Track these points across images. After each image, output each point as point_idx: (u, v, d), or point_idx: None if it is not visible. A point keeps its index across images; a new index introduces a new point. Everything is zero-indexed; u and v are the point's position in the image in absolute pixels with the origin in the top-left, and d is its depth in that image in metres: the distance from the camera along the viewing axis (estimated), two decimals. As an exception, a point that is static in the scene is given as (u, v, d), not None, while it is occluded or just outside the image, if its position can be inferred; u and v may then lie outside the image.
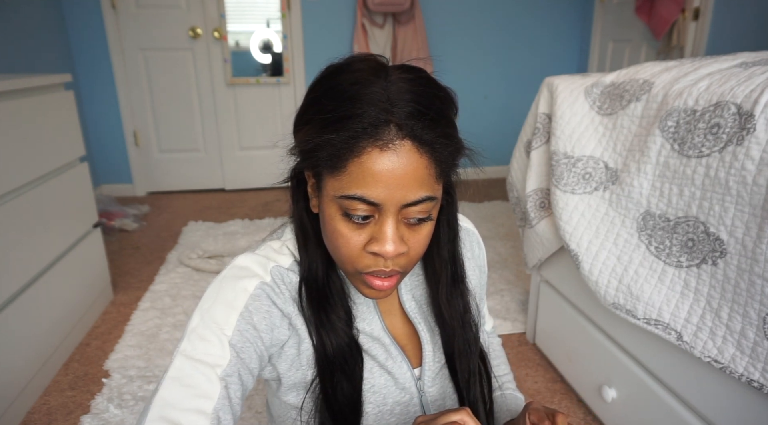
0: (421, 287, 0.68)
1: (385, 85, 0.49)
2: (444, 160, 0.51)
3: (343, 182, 0.50)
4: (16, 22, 2.49)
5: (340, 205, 0.51)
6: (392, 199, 0.50)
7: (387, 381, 0.64)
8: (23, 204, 1.40)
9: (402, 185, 0.49)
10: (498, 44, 3.55)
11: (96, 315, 1.83)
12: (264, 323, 0.56)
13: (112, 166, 3.36)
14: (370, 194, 0.49)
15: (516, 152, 1.56)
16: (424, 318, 0.67)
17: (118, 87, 3.22)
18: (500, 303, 1.88)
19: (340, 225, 0.53)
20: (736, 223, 0.82)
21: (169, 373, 0.51)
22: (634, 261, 1.02)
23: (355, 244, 0.53)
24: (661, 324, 0.94)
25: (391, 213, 0.51)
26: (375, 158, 0.48)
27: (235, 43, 3.28)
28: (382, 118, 0.48)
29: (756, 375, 0.78)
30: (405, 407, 0.65)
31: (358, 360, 0.62)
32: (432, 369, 0.66)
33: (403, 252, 0.53)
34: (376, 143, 0.48)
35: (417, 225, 0.53)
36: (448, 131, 0.51)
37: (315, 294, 0.60)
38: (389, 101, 0.48)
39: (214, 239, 2.53)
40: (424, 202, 0.51)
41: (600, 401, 1.23)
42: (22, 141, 1.41)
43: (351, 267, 0.55)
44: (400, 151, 0.48)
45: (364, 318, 0.64)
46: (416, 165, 0.49)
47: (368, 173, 0.48)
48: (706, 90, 0.93)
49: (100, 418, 1.31)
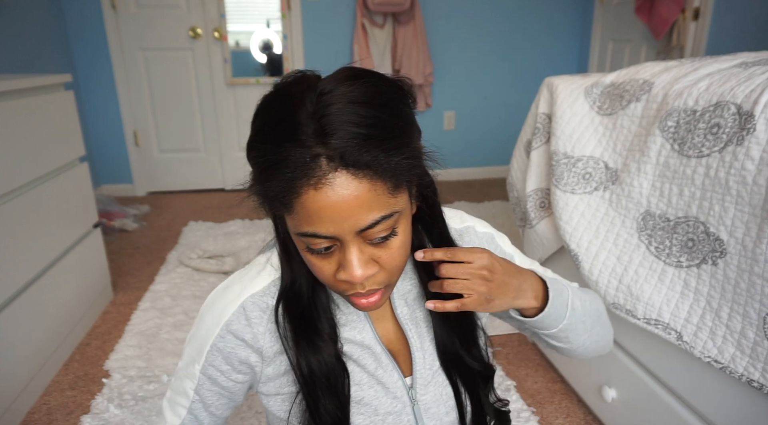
0: (414, 291, 0.66)
1: (313, 111, 0.46)
2: (394, 173, 0.48)
3: (295, 221, 0.50)
4: (16, 21, 2.49)
5: (301, 241, 0.52)
6: (344, 230, 0.48)
7: (377, 392, 0.63)
8: (23, 204, 1.40)
9: (349, 216, 0.47)
10: (498, 44, 3.55)
11: (96, 315, 1.83)
12: (228, 363, 0.62)
13: (112, 166, 3.36)
14: (321, 230, 0.48)
15: (516, 152, 1.56)
16: (415, 323, 0.65)
17: (118, 87, 3.22)
18: (500, 303, 1.88)
19: (308, 257, 0.53)
20: (736, 223, 0.82)
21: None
22: (634, 261, 1.02)
23: (327, 273, 0.53)
24: (661, 324, 0.94)
25: (350, 241, 0.50)
26: (312, 197, 0.47)
27: (235, 43, 3.28)
28: (309, 156, 0.45)
29: (756, 375, 0.78)
30: (398, 416, 0.64)
31: (343, 380, 0.61)
32: (424, 376, 0.65)
33: (373, 274, 0.52)
34: (310, 182, 0.46)
35: (383, 242, 0.52)
36: (390, 142, 0.47)
37: (296, 309, 0.60)
38: (316, 133, 0.45)
39: (214, 239, 2.53)
40: (380, 223, 0.49)
41: (600, 401, 1.23)
42: (22, 141, 1.41)
43: (332, 289, 0.56)
44: (335, 184, 0.46)
45: (354, 327, 0.63)
46: (357, 192, 0.46)
47: (312, 212, 0.47)
48: (706, 90, 0.93)
49: (100, 418, 1.31)
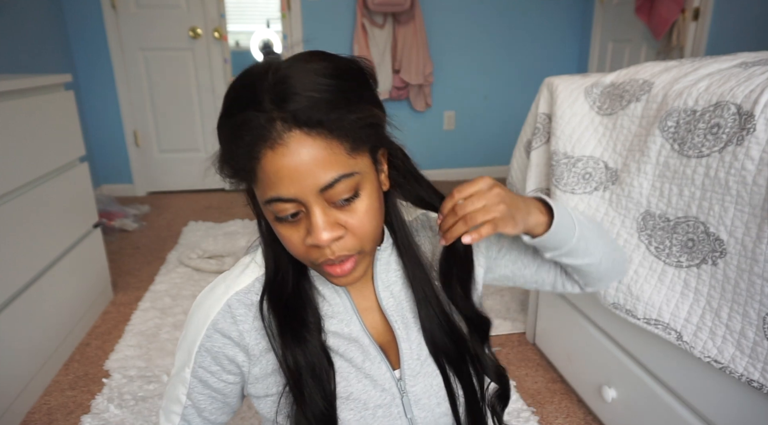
0: (399, 282, 0.66)
1: (273, 82, 0.49)
2: (349, 133, 0.50)
3: (260, 189, 0.52)
4: (16, 21, 2.49)
5: (269, 210, 0.53)
6: (305, 190, 0.50)
7: (365, 386, 0.63)
8: (23, 204, 1.40)
9: (307, 174, 0.49)
10: (498, 44, 3.54)
11: (96, 315, 1.83)
12: (217, 364, 0.63)
13: (112, 166, 3.36)
14: (282, 192, 0.50)
15: (516, 152, 1.56)
16: (401, 314, 0.65)
17: (118, 87, 3.22)
18: (500, 303, 1.88)
19: (279, 228, 0.54)
20: (735, 223, 0.82)
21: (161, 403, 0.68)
22: (634, 261, 1.02)
23: (297, 242, 0.53)
24: (661, 324, 0.94)
25: (313, 203, 0.51)
26: (271, 159, 0.49)
27: (235, 43, 3.29)
28: (264, 119, 0.48)
29: (756, 374, 0.79)
30: (387, 409, 0.63)
31: (328, 372, 0.61)
32: (412, 367, 0.64)
33: (339, 236, 0.52)
34: (266, 144, 0.49)
35: (348, 204, 0.52)
36: (344, 104, 0.49)
37: (280, 302, 0.60)
38: (274, 99, 0.48)
39: (214, 239, 2.53)
40: (340, 181, 0.50)
41: (600, 401, 1.23)
42: (22, 141, 1.41)
43: (306, 262, 0.56)
44: (290, 143, 0.48)
45: (342, 319, 0.63)
46: (312, 150, 0.49)
47: (274, 176, 0.49)
48: (706, 90, 0.93)
49: (100, 418, 1.31)
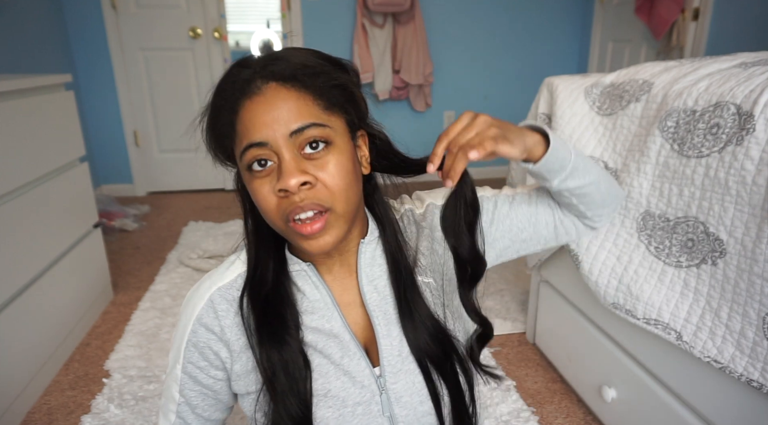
0: (384, 277, 0.66)
1: (262, 56, 0.57)
2: (322, 93, 0.55)
3: (238, 143, 0.56)
4: (16, 22, 2.49)
5: (246, 165, 0.56)
6: (276, 134, 0.53)
7: (344, 383, 0.62)
8: (23, 204, 1.40)
9: (280, 118, 0.53)
10: (498, 44, 3.55)
11: (96, 315, 1.83)
12: (204, 359, 0.64)
13: (112, 166, 3.36)
14: (255, 137, 0.54)
15: (516, 152, 1.56)
16: (383, 310, 0.65)
17: (118, 87, 3.22)
18: (500, 303, 1.88)
19: (254, 185, 0.56)
20: (735, 223, 0.82)
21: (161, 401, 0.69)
22: (634, 261, 1.02)
23: (268, 193, 0.55)
24: (660, 324, 0.94)
25: (282, 148, 0.54)
26: (248, 107, 0.54)
27: (235, 43, 3.29)
28: (248, 73, 0.55)
29: (755, 374, 0.79)
30: (367, 406, 0.63)
31: (304, 374, 0.61)
32: (392, 363, 0.63)
33: (307, 181, 0.54)
34: (246, 95, 0.55)
35: (317, 155, 0.55)
36: (314, 66, 0.55)
37: (259, 296, 0.61)
38: (259, 62, 0.56)
39: (214, 239, 2.53)
40: (310, 127, 0.54)
41: (600, 401, 1.24)
42: (22, 141, 1.41)
43: (277, 219, 0.57)
44: (267, 92, 0.54)
45: (323, 315, 0.63)
46: (286, 98, 0.54)
47: (249, 122, 0.54)
48: (705, 90, 0.93)
49: (100, 418, 1.32)
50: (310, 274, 0.64)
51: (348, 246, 0.64)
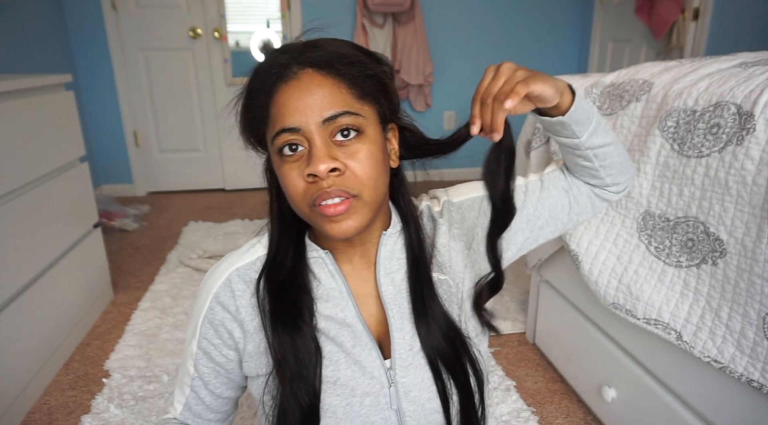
0: (402, 271, 0.66)
1: (301, 43, 0.59)
2: (356, 82, 0.56)
3: (271, 127, 0.57)
4: (16, 22, 2.49)
5: (277, 150, 0.57)
6: (309, 120, 0.54)
7: (354, 372, 0.63)
8: (23, 204, 1.40)
9: (314, 105, 0.54)
10: (498, 44, 3.55)
11: (96, 315, 1.83)
12: (218, 337, 0.66)
13: (112, 166, 3.36)
14: (288, 122, 0.55)
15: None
16: (398, 304, 0.65)
17: (118, 87, 3.22)
18: (500, 303, 1.88)
19: (283, 169, 0.57)
20: (735, 223, 0.82)
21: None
22: (634, 261, 1.02)
23: (296, 177, 0.56)
24: (660, 324, 0.94)
25: (314, 134, 0.55)
26: (283, 91, 0.56)
27: (235, 43, 3.28)
28: (284, 62, 0.56)
29: (756, 374, 0.79)
30: (375, 398, 0.63)
31: (315, 361, 0.61)
32: (403, 357, 0.64)
33: (336, 168, 0.55)
34: (282, 79, 0.56)
35: (347, 142, 0.56)
36: (350, 55, 0.57)
37: (276, 280, 0.62)
38: (297, 49, 0.57)
39: (214, 239, 2.53)
40: (342, 116, 0.55)
41: (600, 401, 1.24)
42: (22, 141, 1.41)
43: (303, 204, 0.57)
44: (303, 77, 0.55)
45: (337, 304, 0.64)
46: (322, 84, 0.55)
47: (283, 107, 0.55)
48: (705, 90, 0.93)
49: (100, 418, 1.31)
50: (327, 262, 0.65)
51: (369, 236, 0.65)
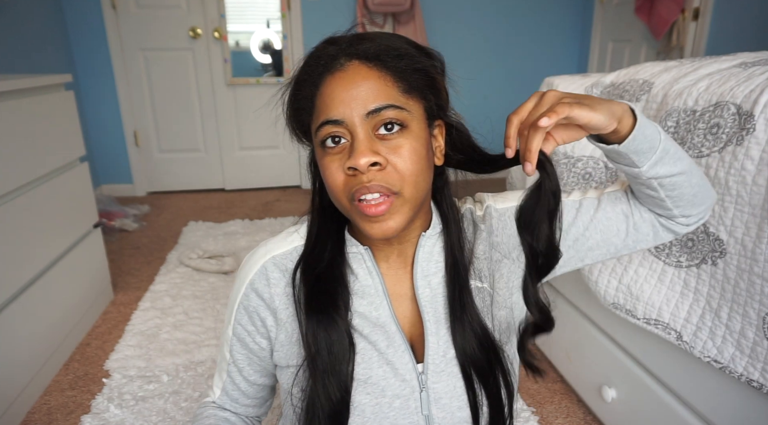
0: (439, 275, 0.64)
1: (351, 34, 0.58)
2: (403, 75, 0.56)
3: (315, 118, 0.57)
4: (16, 22, 2.49)
5: (320, 141, 0.56)
6: (352, 112, 0.54)
7: (386, 372, 0.61)
8: (23, 204, 1.40)
9: (359, 97, 0.54)
10: (498, 44, 3.55)
11: (96, 315, 1.83)
12: (252, 324, 0.67)
13: (112, 166, 3.36)
14: (332, 114, 0.54)
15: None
16: (434, 307, 0.63)
17: (118, 87, 3.22)
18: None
19: (324, 161, 0.57)
20: (735, 223, 0.82)
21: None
22: (634, 261, 1.02)
23: (336, 169, 0.56)
24: (660, 324, 0.94)
25: (357, 126, 0.54)
26: (329, 83, 0.55)
27: (235, 43, 3.28)
28: (332, 54, 0.56)
29: (755, 374, 0.79)
30: (405, 401, 0.62)
31: (349, 356, 0.60)
32: (436, 362, 0.62)
33: (377, 162, 0.54)
34: (328, 71, 0.56)
35: (390, 136, 0.55)
36: (398, 48, 0.56)
37: (312, 273, 0.62)
38: (347, 40, 0.57)
39: (214, 239, 2.53)
40: (386, 109, 0.54)
41: (600, 401, 1.24)
42: (22, 141, 1.41)
43: (342, 197, 0.57)
44: (349, 69, 0.55)
45: (372, 302, 0.63)
46: (367, 77, 0.54)
47: (328, 98, 0.55)
48: (705, 90, 0.93)
49: (100, 418, 1.31)
50: (366, 259, 0.64)
51: (408, 236, 0.63)
